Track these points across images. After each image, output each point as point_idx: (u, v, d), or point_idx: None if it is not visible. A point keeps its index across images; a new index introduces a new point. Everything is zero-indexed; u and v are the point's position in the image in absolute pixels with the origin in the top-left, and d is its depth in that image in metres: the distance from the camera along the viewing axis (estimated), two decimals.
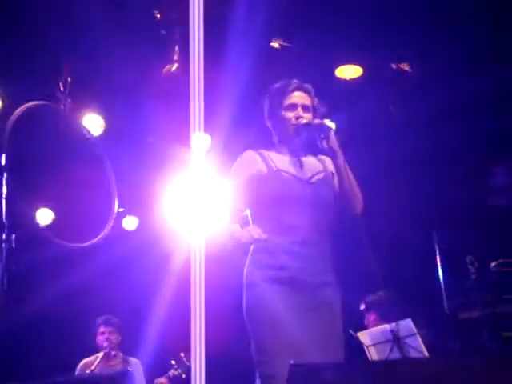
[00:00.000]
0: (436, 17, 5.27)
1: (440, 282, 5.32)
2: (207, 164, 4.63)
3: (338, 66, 5.93)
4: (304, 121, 3.34)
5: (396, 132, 6.29)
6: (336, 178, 3.39)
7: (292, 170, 3.34)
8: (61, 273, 6.15)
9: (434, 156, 6.11)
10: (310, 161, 3.45)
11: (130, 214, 6.40)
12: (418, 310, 5.16)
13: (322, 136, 3.28)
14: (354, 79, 6.03)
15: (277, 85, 3.45)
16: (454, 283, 5.32)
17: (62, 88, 5.11)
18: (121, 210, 5.37)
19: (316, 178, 3.37)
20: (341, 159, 3.30)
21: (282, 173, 3.31)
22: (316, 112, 3.41)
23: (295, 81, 3.42)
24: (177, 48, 5.21)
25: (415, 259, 6.05)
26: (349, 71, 5.99)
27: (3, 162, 4.27)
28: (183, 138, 5.66)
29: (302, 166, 3.38)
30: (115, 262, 6.21)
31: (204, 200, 5.58)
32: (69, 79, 5.17)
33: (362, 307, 5.49)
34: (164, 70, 5.27)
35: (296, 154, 3.41)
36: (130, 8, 5.21)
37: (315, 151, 3.47)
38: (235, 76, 5.10)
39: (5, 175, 4.07)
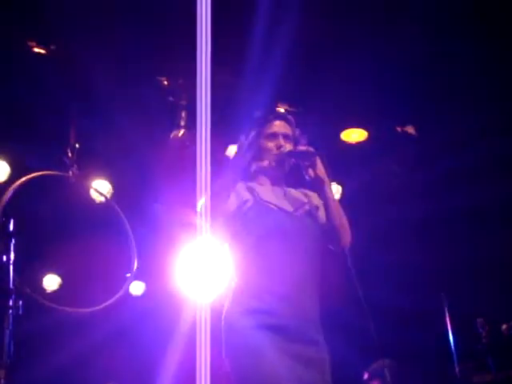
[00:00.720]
0: (441, 80, 5.33)
1: (451, 346, 5.25)
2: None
3: (344, 129, 5.97)
4: (287, 150, 3.12)
5: (402, 194, 6.29)
6: (321, 212, 3.16)
7: (277, 201, 3.11)
8: (67, 339, 6.11)
9: (440, 218, 6.10)
10: (293, 193, 3.22)
11: (136, 279, 6.38)
12: (429, 375, 5.09)
13: (308, 164, 3.07)
14: (359, 142, 6.06)
15: (256, 114, 3.33)
16: (465, 347, 5.25)
17: (69, 154, 5.15)
18: (128, 275, 5.35)
19: (301, 210, 3.14)
20: (328, 188, 3.09)
21: (268, 204, 3.08)
22: (297, 143, 3.18)
23: (276, 109, 3.29)
24: (184, 114, 5.26)
25: (425, 323, 5.99)
26: (354, 135, 6.03)
27: (11, 228, 4.28)
28: (190, 202, 5.69)
29: (286, 197, 3.16)
30: (121, 328, 6.17)
31: (210, 264, 5.56)
32: (76, 145, 5.20)
33: (366, 376, 5.40)
34: (171, 135, 5.31)
35: (279, 185, 3.19)
36: (137, 74, 5.29)
37: (298, 183, 3.24)
38: None
39: (13, 241, 4.07)
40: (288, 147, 3.14)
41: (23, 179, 4.77)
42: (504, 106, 5.42)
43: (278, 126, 3.20)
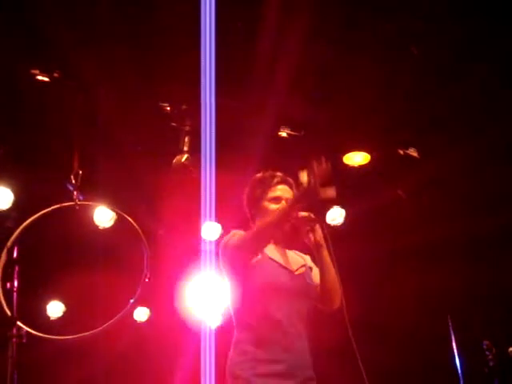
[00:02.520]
0: (443, 103, 5.35)
1: (457, 370, 5.22)
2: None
3: (346, 153, 5.98)
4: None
5: (406, 218, 6.29)
6: (313, 273, 3.34)
7: (280, 259, 3.29)
8: (71, 366, 6.08)
9: (445, 241, 6.08)
10: (291, 254, 3.40)
11: (141, 305, 6.36)
12: None
13: (308, 229, 3.23)
14: (362, 166, 6.06)
15: (260, 175, 3.43)
16: (471, 370, 5.22)
17: (73, 181, 5.17)
18: (132, 300, 5.34)
19: (301, 270, 3.31)
20: (325, 253, 3.22)
21: (273, 261, 3.25)
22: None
23: (279, 173, 3.40)
24: (187, 139, 5.27)
25: (431, 347, 5.95)
26: (357, 158, 6.03)
27: (15, 255, 4.29)
28: (193, 228, 5.69)
29: (288, 257, 3.34)
30: (126, 354, 6.14)
31: (214, 291, 5.56)
32: (80, 172, 5.22)
33: None
34: (174, 161, 5.32)
35: (279, 245, 3.36)
36: (140, 100, 5.31)
37: (294, 246, 3.41)
38: (244, 165, 5.14)
39: (16, 268, 4.07)
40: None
41: (32, 218, 4.85)
42: (508, 130, 5.41)
43: (282, 190, 3.35)
